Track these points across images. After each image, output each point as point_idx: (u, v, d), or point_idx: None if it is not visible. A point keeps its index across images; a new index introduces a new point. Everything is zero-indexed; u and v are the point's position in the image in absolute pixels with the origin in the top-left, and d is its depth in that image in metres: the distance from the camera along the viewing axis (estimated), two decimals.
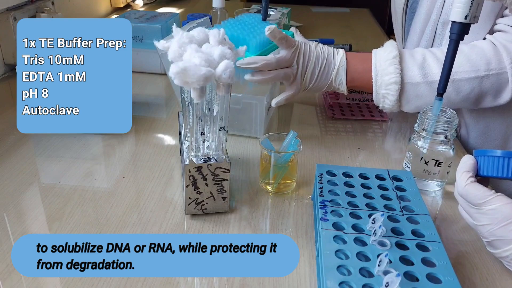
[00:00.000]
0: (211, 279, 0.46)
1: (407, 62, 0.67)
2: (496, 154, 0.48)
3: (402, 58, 0.67)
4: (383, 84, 0.67)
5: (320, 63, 0.69)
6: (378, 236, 0.44)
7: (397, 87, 0.66)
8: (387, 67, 0.66)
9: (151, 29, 0.96)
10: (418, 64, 0.66)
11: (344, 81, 0.69)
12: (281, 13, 1.02)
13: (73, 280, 0.45)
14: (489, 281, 0.47)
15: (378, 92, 0.68)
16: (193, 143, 0.53)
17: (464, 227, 0.55)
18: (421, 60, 0.67)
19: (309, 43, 0.70)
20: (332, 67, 0.69)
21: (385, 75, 0.67)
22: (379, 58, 0.68)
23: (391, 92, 0.67)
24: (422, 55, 0.67)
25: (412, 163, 0.61)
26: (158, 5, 1.64)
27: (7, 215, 0.54)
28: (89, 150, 0.69)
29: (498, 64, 0.64)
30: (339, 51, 0.70)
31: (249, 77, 0.66)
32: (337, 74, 0.69)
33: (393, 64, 0.66)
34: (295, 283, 0.46)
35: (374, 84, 0.68)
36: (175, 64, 0.45)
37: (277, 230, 0.54)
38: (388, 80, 0.66)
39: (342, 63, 0.69)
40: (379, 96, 0.69)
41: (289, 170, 0.59)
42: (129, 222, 0.54)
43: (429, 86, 0.66)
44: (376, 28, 1.51)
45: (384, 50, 0.68)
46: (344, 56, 0.69)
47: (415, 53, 0.68)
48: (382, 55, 0.68)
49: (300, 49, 0.68)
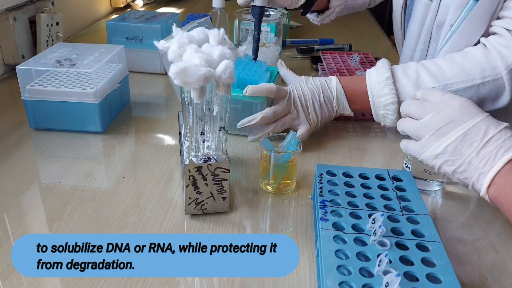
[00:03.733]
0: (211, 279, 0.46)
1: (401, 81, 0.67)
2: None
3: (396, 77, 0.68)
4: (380, 105, 0.68)
5: (318, 98, 0.70)
6: (378, 236, 0.44)
7: (394, 107, 0.67)
8: (382, 89, 0.67)
9: (151, 29, 0.96)
10: (412, 82, 0.67)
11: (347, 106, 0.71)
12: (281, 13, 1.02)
13: (73, 280, 0.45)
14: (489, 281, 0.47)
15: (378, 113, 0.69)
16: (193, 143, 0.53)
17: (464, 226, 0.55)
18: (415, 77, 0.67)
19: (299, 82, 0.72)
20: (331, 96, 0.70)
21: (381, 97, 0.67)
22: (373, 80, 0.68)
23: (390, 112, 0.68)
24: (415, 70, 0.68)
25: (412, 163, 0.61)
26: (158, 5, 1.64)
27: (7, 215, 0.54)
28: (89, 150, 0.69)
29: (492, 70, 0.64)
30: (331, 79, 0.72)
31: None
32: (338, 101, 0.70)
33: (387, 85, 0.67)
34: (295, 283, 0.46)
35: (372, 106, 0.69)
36: (175, 64, 0.45)
37: (277, 230, 0.54)
38: (385, 101, 0.67)
39: (339, 89, 0.70)
40: (379, 116, 0.69)
41: (289, 170, 0.59)
42: (129, 222, 0.54)
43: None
44: (376, 28, 1.51)
45: (377, 71, 0.69)
46: (339, 82, 0.71)
47: (408, 69, 0.68)
48: (376, 77, 0.68)
49: (294, 94, 0.70)
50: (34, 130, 0.74)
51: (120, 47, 0.80)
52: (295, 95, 0.70)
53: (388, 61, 0.70)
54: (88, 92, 0.71)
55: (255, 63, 0.77)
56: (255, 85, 0.68)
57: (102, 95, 0.72)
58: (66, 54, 0.75)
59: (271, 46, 1.00)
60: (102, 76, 0.76)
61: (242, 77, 0.71)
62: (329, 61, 0.97)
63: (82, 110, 0.71)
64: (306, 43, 1.23)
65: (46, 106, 0.72)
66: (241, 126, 0.68)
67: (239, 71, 0.73)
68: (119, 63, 0.80)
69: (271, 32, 0.99)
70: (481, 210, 0.58)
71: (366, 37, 1.40)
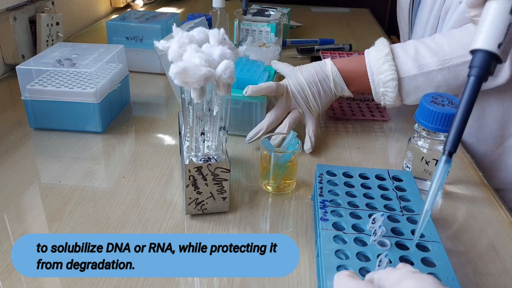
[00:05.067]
0: (211, 279, 0.46)
1: (400, 57, 0.67)
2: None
3: (395, 53, 0.67)
4: (380, 83, 0.67)
5: (315, 85, 0.70)
6: (378, 236, 0.44)
7: (394, 84, 0.66)
8: (381, 65, 0.67)
9: (151, 29, 0.96)
10: (412, 57, 0.66)
11: (345, 87, 0.70)
12: (281, 13, 1.02)
13: (73, 280, 0.45)
14: (489, 282, 0.47)
15: (377, 91, 0.68)
16: (193, 143, 0.53)
17: (464, 226, 0.55)
18: (414, 53, 0.67)
19: (294, 74, 0.71)
20: (328, 81, 0.70)
21: (381, 74, 0.67)
22: (372, 58, 0.68)
23: (390, 89, 0.67)
24: (414, 47, 0.67)
25: (412, 163, 0.61)
26: (158, 5, 1.64)
27: (7, 215, 0.54)
28: (89, 150, 0.69)
29: None
30: (325, 63, 0.71)
31: (248, 138, 0.69)
32: (335, 84, 0.70)
33: (387, 61, 0.66)
34: (295, 283, 0.46)
35: (372, 84, 0.68)
36: (175, 64, 0.45)
37: (277, 230, 0.54)
38: (384, 78, 0.67)
39: (335, 72, 0.70)
40: (379, 95, 0.69)
41: (289, 170, 0.59)
42: (129, 222, 0.54)
43: (425, 76, 0.66)
44: (376, 28, 1.51)
45: (376, 49, 0.69)
46: (333, 65, 0.70)
47: (406, 46, 0.68)
48: (375, 54, 0.68)
49: (291, 89, 0.70)
50: (34, 130, 0.74)
51: (120, 47, 0.80)
52: (292, 89, 0.70)
53: (386, 40, 0.70)
54: (88, 92, 0.71)
55: (253, 63, 0.76)
56: (254, 85, 0.68)
57: (102, 95, 0.72)
58: (66, 54, 0.75)
59: (271, 46, 1.00)
60: (102, 76, 0.76)
61: (241, 77, 0.71)
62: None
63: (82, 110, 0.71)
64: (306, 43, 1.23)
65: (46, 106, 0.72)
66: (250, 141, 0.68)
67: (237, 71, 0.73)
68: (119, 63, 0.80)
69: (271, 32, 1.00)
70: (481, 211, 0.58)
71: (366, 37, 1.40)
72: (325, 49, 1.16)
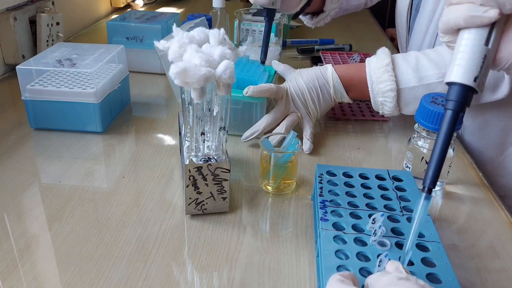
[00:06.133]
0: (211, 279, 0.46)
1: (401, 67, 0.67)
2: None
3: (396, 64, 0.67)
4: (379, 92, 0.68)
5: (315, 90, 0.70)
6: (378, 236, 0.44)
7: (393, 94, 0.67)
8: (381, 75, 0.67)
9: (151, 29, 0.96)
10: (413, 68, 0.66)
11: (344, 94, 0.71)
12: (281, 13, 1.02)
13: (73, 280, 0.45)
14: (489, 282, 0.47)
15: (376, 100, 0.69)
16: (193, 143, 0.53)
17: (464, 227, 0.55)
18: (415, 63, 0.67)
19: (294, 77, 0.72)
20: (327, 86, 0.70)
21: (380, 83, 0.67)
22: (372, 66, 0.68)
23: (388, 99, 0.67)
24: (415, 58, 0.67)
25: (412, 163, 0.61)
26: (158, 5, 1.64)
27: (7, 215, 0.54)
28: (89, 150, 0.69)
29: None
30: (327, 68, 0.71)
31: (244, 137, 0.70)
32: (335, 91, 0.70)
33: (387, 72, 0.66)
34: (295, 283, 0.46)
35: (371, 93, 0.68)
36: (175, 64, 0.45)
37: (277, 230, 0.53)
38: (383, 88, 0.67)
39: (335, 79, 0.70)
40: (377, 104, 0.69)
41: (289, 170, 0.59)
42: (129, 222, 0.54)
43: (426, 88, 0.66)
44: (376, 28, 1.51)
45: (377, 58, 0.69)
46: (334, 72, 0.70)
47: (408, 56, 0.68)
48: (375, 63, 0.68)
49: (291, 92, 0.70)
50: (34, 130, 0.74)
51: (121, 47, 0.80)
52: (292, 92, 0.70)
53: (388, 49, 0.70)
54: (88, 92, 0.71)
55: (253, 63, 0.77)
56: (254, 85, 0.68)
57: (102, 95, 0.72)
58: (66, 54, 0.75)
59: (271, 46, 1.00)
60: (102, 76, 0.76)
61: (241, 77, 0.71)
62: (329, 61, 0.98)
63: (82, 110, 0.71)
64: (306, 43, 1.23)
65: (46, 106, 0.72)
66: (246, 140, 0.69)
67: (237, 71, 0.73)
68: (119, 63, 0.81)
69: (272, 32, 0.99)
70: (481, 211, 0.58)
71: (366, 37, 1.40)
72: (325, 49, 1.16)
